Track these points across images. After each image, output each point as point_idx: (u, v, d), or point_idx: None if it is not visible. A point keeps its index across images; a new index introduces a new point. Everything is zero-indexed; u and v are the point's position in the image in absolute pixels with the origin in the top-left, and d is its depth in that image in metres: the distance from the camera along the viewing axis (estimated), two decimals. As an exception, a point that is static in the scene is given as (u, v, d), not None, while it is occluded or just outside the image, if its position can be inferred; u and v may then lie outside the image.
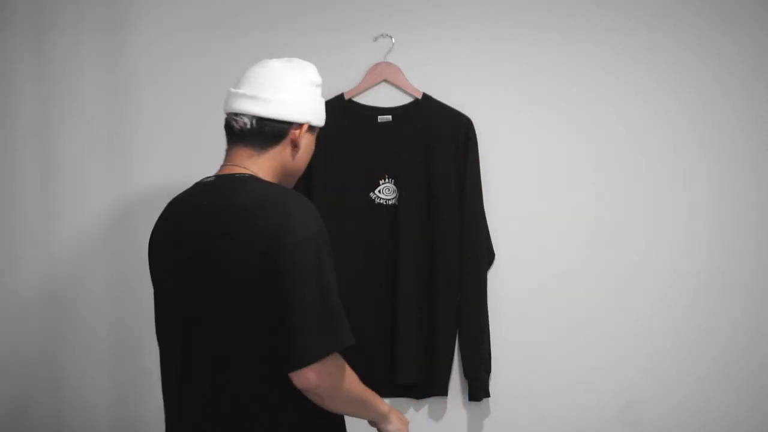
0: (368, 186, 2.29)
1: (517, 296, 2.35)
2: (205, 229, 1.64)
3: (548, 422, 2.37)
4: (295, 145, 1.75)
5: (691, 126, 2.35)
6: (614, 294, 2.36)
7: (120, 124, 2.34)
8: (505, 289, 2.34)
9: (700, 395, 2.36)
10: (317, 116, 1.80)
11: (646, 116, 2.34)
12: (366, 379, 2.27)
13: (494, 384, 2.33)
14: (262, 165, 1.73)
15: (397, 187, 2.29)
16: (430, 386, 2.31)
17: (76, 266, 2.36)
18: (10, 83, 2.33)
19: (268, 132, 1.72)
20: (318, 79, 1.80)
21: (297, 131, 1.74)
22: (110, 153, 2.35)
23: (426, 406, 2.37)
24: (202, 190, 1.71)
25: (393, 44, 2.29)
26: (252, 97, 1.71)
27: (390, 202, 2.29)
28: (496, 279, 2.34)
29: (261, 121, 1.71)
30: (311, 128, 1.79)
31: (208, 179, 1.73)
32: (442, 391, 2.32)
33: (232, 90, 1.75)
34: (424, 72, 2.32)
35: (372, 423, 1.81)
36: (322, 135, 2.26)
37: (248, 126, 1.71)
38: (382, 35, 2.30)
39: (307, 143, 1.79)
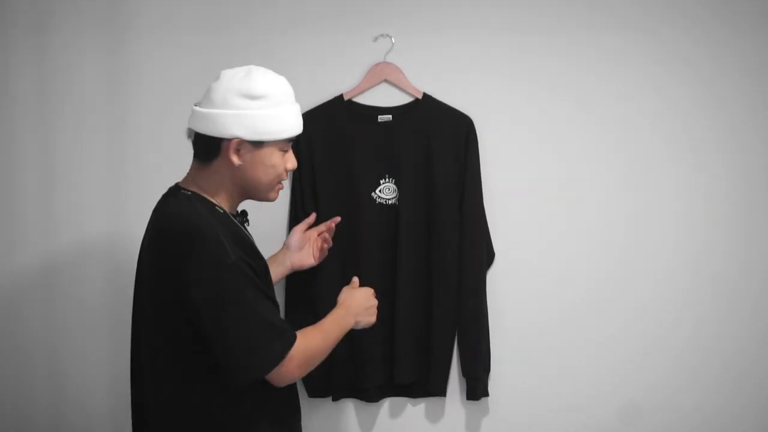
0: (369, 186, 2.29)
1: (516, 296, 2.35)
2: (144, 245, 1.76)
3: (547, 421, 2.37)
4: (233, 160, 1.70)
5: (692, 125, 2.34)
6: (615, 294, 2.36)
7: (119, 123, 2.34)
8: (505, 289, 2.34)
9: (701, 395, 2.36)
10: (253, 131, 1.68)
11: (648, 116, 2.34)
12: (365, 379, 2.29)
13: (493, 383, 2.33)
14: (208, 179, 1.74)
15: (397, 187, 2.29)
16: (429, 386, 2.31)
17: (76, 264, 2.36)
18: (8, 82, 2.33)
19: (202, 145, 1.72)
20: (258, 91, 1.68)
21: (228, 146, 1.69)
22: (110, 151, 2.35)
23: (424, 406, 2.37)
24: (160, 201, 1.78)
25: (393, 44, 2.29)
26: (192, 109, 1.74)
27: (390, 202, 2.29)
28: (496, 278, 2.34)
29: (196, 134, 1.73)
30: (259, 143, 1.70)
31: (168, 190, 1.80)
32: (441, 391, 2.32)
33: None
34: (425, 72, 2.31)
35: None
36: (322, 135, 2.28)
37: (189, 138, 1.76)
38: (382, 35, 2.29)
39: (254, 159, 1.71)
